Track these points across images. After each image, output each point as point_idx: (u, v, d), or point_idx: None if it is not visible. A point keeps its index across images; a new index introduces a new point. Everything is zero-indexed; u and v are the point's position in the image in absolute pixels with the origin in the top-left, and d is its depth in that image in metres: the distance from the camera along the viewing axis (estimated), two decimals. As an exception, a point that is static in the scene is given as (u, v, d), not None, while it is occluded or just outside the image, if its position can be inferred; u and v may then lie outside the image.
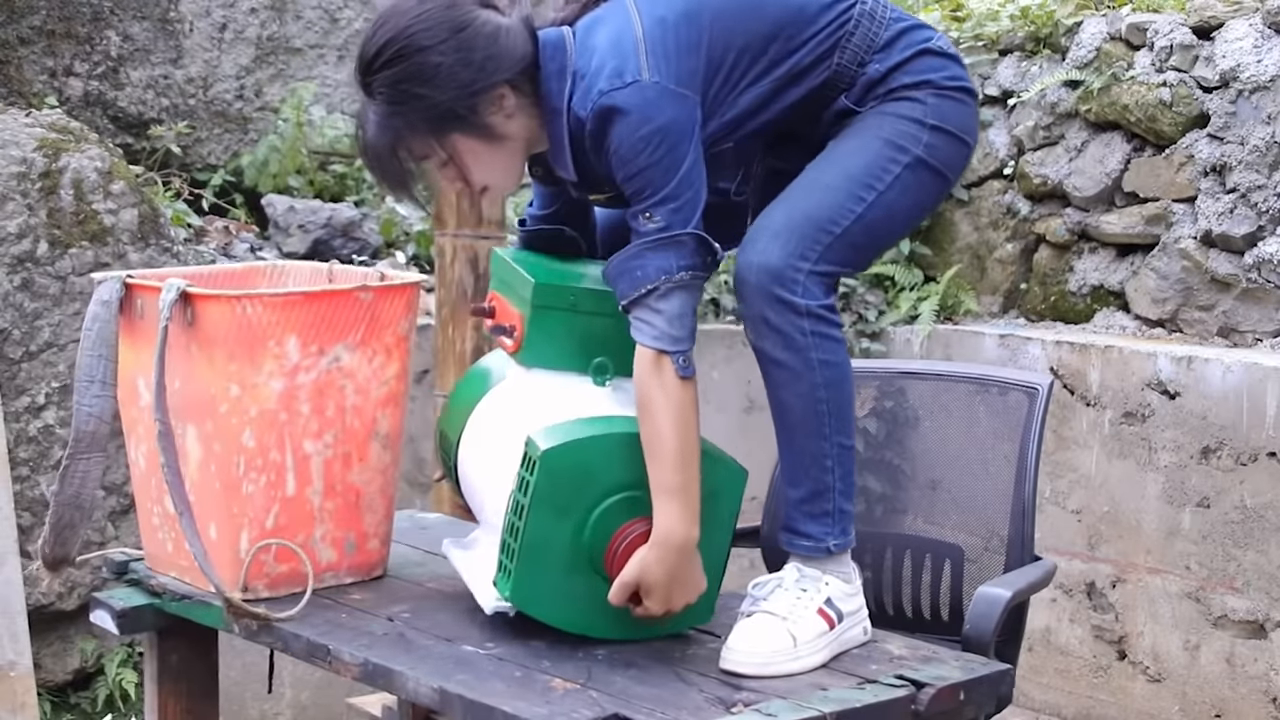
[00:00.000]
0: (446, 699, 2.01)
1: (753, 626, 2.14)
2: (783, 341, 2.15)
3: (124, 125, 4.74)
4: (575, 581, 2.17)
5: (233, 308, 2.30)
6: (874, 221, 2.22)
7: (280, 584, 2.38)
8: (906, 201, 2.26)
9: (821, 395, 2.18)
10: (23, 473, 3.68)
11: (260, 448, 2.33)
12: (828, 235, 2.17)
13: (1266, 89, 4.36)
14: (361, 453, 2.44)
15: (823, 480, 2.20)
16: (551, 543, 2.15)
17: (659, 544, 2.11)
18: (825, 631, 2.16)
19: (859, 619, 2.25)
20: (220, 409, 2.31)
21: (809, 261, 2.15)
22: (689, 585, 2.16)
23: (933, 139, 2.26)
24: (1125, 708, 4.47)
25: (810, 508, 2.21)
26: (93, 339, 2.39)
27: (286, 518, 2.37)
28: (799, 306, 2.14)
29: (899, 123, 2.25)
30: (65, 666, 3.80)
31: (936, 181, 2.29)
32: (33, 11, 4.55)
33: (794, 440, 2.21)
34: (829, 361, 2.18)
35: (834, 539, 2.21)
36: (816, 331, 2.16)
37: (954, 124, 2.28)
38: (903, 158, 2.24)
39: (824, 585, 2.19)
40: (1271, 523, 4.09)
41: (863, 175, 2.22)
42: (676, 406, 2.15)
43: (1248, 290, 4.45)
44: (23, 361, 3.70)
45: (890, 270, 5.23)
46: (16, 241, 3.69)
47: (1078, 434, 4.56)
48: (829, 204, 2.19)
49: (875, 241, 2.28)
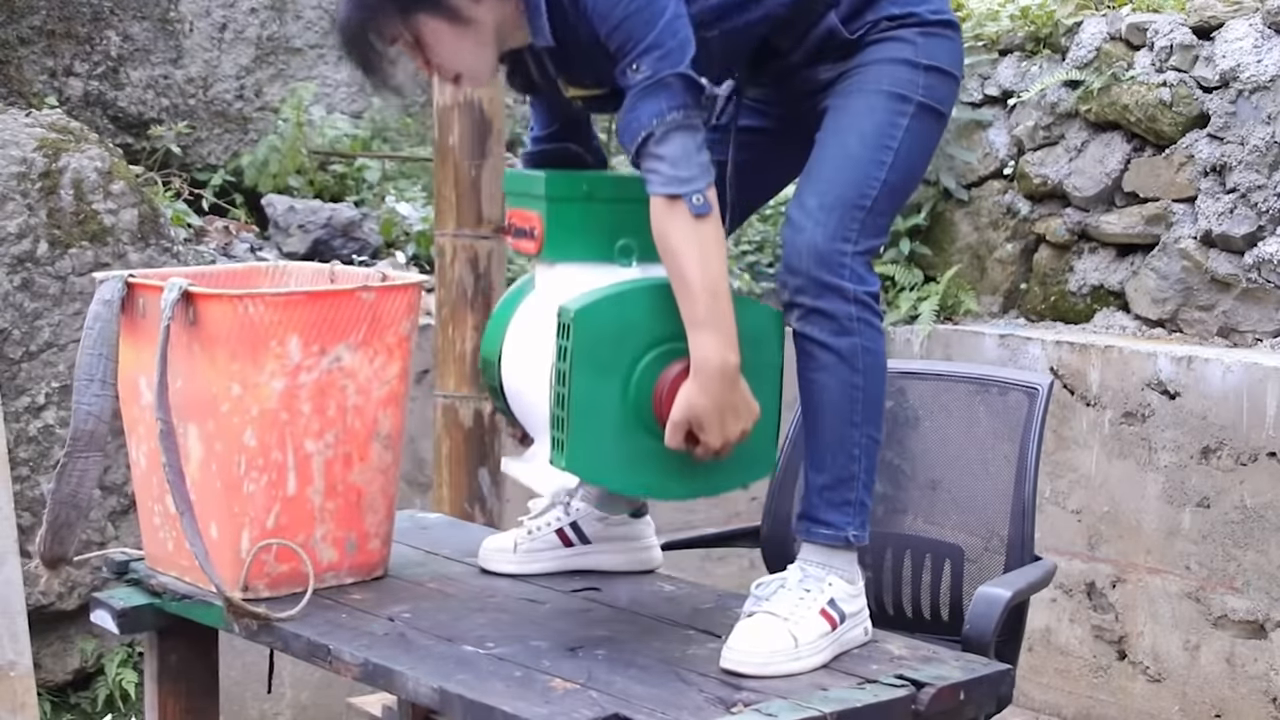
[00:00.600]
0: (446, 699, 2.01)
1: (754, 626, 2.13)
2: (832, 327, 2.15)
3: (124, 125, 4.74)
4: (631, 443, 2.14)
5: (235, 307, 2.30)
6: (896, 184, 2.23)
7: (281, 584, 2.38)
8: (918, 152, 2.26)
9: (859, 383, 2.18)
10: (23, 473, 3.68)
11: (261, 447, 2.34)
12: (862, 211, 2.17)
13: (1266, 89, 4.36)
14: (363, 453, 2.44)
15: (849, 468, 2.20)
16: (600, 404, 2.12)
17: (699, 372, 2.09)
18: (827, 632, 2.14)
19: (860, 619, 2.24)
20: (222, 408, 2.31)
21: (851, 243, 2.15)
22: (740, 410, 2.13)
23: (929, 80, 2.25)
24: (1125, 708, 4.47)
25: (833, 495, 2.20)
26: (94, 338, 2.39)
27: (287, 517, 2.37)
28: (847, 292, 2.14)
29: (894, 69, 2.24)
30: (65, 666, 3.80)
31: (939, 123, 2.29)
32: (33, 11, 4.55)
33: (824, 425, 2.20)
34: (870, 349, 2.18)
35: (854, 529, 2.20)
36: (863, 318, 2.16)
37: (945, 61, 2.28)
38: (908, 108, 2.23)
39: (827, 586, 2.18)
40: (1271, 523, 4.09)
41: (877, 137, 2.21)
42: (697, 241, 2.10)
43: (1248, 290, 4.45)
44: (23, 361, 3.70)
45: (890, 270, 5.23)
46: (16, 241, 3.69)
47: (1078, 434, 4.56)
48: (857, 177, 2.19)
49: (898, 203, 2.29)
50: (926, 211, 5.29)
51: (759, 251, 5.25)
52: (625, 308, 2.15)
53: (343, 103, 5.13)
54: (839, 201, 2.17)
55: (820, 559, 2.21)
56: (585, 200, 2.24)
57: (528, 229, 2.26)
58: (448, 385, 3.87)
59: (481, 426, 3.87)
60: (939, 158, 5.17)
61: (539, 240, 2.25)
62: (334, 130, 4.94)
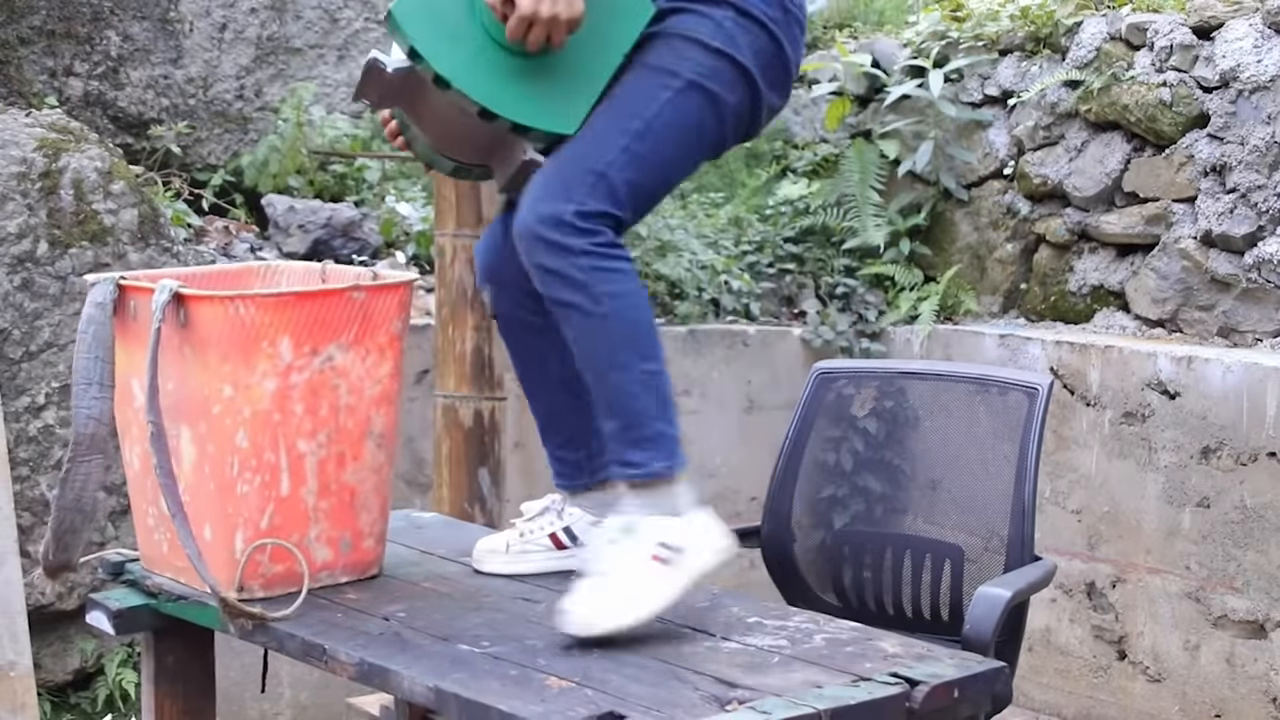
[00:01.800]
0: (442, 698, 2.01)
1: (585, 587, 2.17)
2: (564, 283, 2.18)
3: (124, 125, 4.74)
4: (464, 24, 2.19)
5: (225, 308, 2.30)
6: (643, 154, 2.23)
7: (276, 584, 2.38)
8: (677, 128, 2.26)
9: (613, 328, 2.19)
10: (23, 473, 3.68)
11: (254, 448, 2.33)
12: (592, 175, 2.20)
13: (1266, 89, 4.36)
14: (355, 452, 2.44)
15: (632, 409, 2.21)
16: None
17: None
18: (663, 575, 2.17)
19: (704, 544, 2.22)
20: (214, 410, 2.31)
21: (574, 203, 2.18)
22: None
23: (714, 63, 2.26)
24: (1125, 708, 4.46)
25: (628, 435, 2.21)
26: (89, 341, 2.39)
27: (281, 518, 2.37)
28: (572, 247, 2.17)
29: (676, 44, 2.27)
30: (65, 666, 3.81)
31: (713, 105, 2.28)
32: (33, 11, 4.56)
33: (595, 377, 2.23)
34: (614, 293, 2.19)
35: (659, 461, 2.21)
36: (595, 267, 2.17)
37: (742, 52, 2.28)
38: (674, 82, 2.25)
39: (650, 529, 2.19)
40: (1271, 523, 4.09)
41: (627, 108, 2.24)
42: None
43: (1248, 290, 4.44)
44: (23, 361, 3.70)
45: (890, 270, 5.23)
46: (16, 241, 3.69)
47: (1078, 434, 4.56)
48: (593, 144, 2.22)
49: (649, 174, 2.27)
50: (926, 211, 5.29)
51: (759, 251, 5.25)
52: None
53: (343, 103, 5.13)
54: (570, 164, 2.21)
55: (637, 501, 2.22)
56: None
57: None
58: (448, 385, 3.88)
59: (481, 426, 3.87)
60: (939, 158, 5.17)
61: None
62: (334, 130, 4.94)
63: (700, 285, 4.94)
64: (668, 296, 4.90)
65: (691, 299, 4.88)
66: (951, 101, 5.16)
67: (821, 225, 5.33)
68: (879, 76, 5.41)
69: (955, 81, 5.23)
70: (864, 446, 3.02)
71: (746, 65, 2.29)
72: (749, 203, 5.46)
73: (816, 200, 5.35)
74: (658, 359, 2.23)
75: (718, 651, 2.16)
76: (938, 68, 5.16)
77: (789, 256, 5.29)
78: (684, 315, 4.80)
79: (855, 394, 3.04)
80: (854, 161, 5.29)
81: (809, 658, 2.14)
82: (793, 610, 2.41)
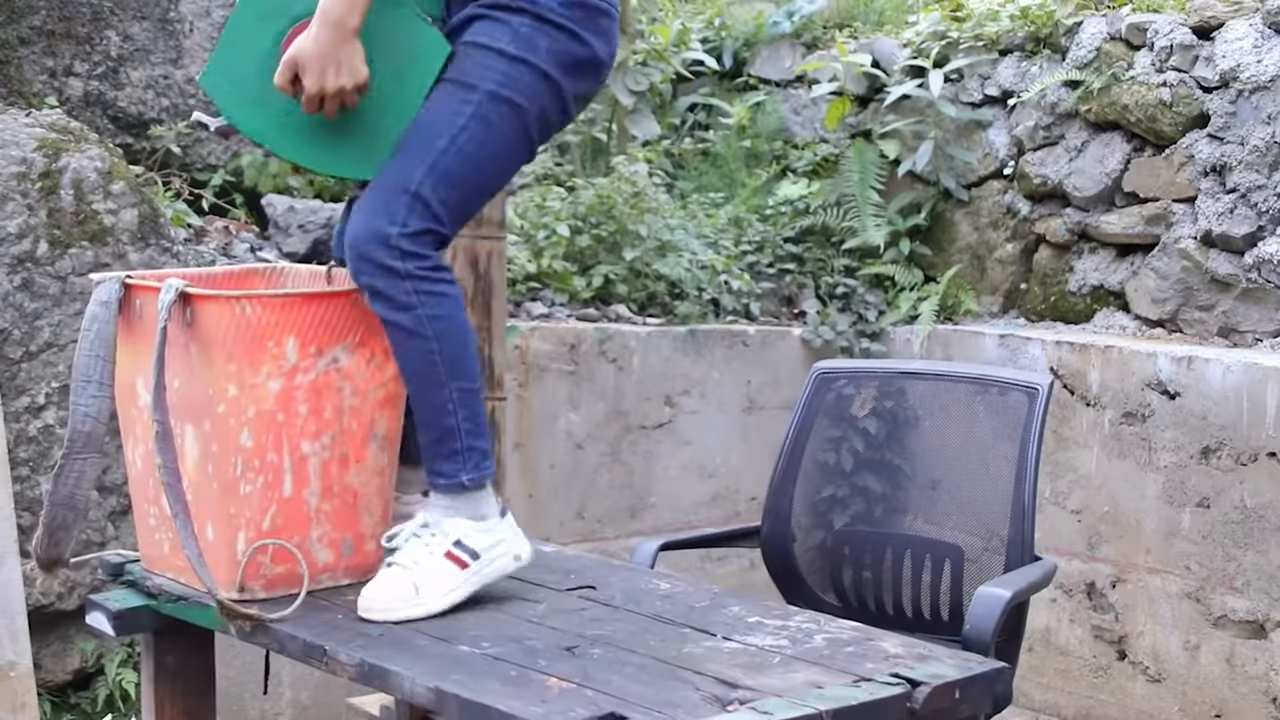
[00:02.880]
0: (442, 698, 2.01)
1: (382, 577, 2.30)
2: (391, 305, 2.29)
3: (124, 125, 4.74)
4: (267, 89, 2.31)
5: (232, 308, 2.30)
6: (454, 169, 2.33)
7: (277, 585, 2.37)
8: (486, 140, 2.35)
9: (434, 348, 2.31)
10: (22, 473, 3.68)
11: (258, 448, 2.33)
12: (406, 195, 2.30)
13: (1266, 89, 4.36)
14: (359, 454, 2.43)
15: (445, 424, 2.34)
16: (250, 40, 2.32)
17: (317, 18, 2.26)
18: (455, 573, 2.30)
19: (502, 550, 2.36)
20: (218, 409, 2.31)
21: (397, 224, 2.28)
22: (344, 67, 2.28)
23: (514, 71, 2.35)
24: (1125, 708, 4.46)
25: (441, 448, 2.35)
26: (91, 339, 2.39)
27: (283, 519, 2.37)
28: (399, 270, 2.28)
29: (475, 54, 2.35)
30: (65, 666, 3.80)
31: (516, 113, 2.36)
32: (33, 11, 4.55)
33: (415, 391, 2.36)
34: (437, 316, 2.31)
35: (466, 474, 2.34)
36: (420, 290, 2.29)
37: (541, 57, 2.36)
38: (472, 95, 2.34)
39: (452, 529, 2.31)
40: (1271, 523, 4.09)
41: (432, 126, 2.33)
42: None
43: (1248, 290, 4.44)
44: (23, 361, 3.70)
45: (890, 270, 5.23)
46: (16, 241, 3.69)
47: (1078, 434, 4.56)
48: (405, 166, 2.32)
49: (461, 188, 2.36)
50: (926, 211, 5.29)
51: (759, 251, 5.25)
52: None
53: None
54: (386, 186, 2.32)
55: (444, 504, 2.35)
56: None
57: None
58: (447, 385, 3.87)
59: (481, 426, 3.86)
60: (939, 158, 5.17)
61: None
62: (334, 130, 4.93)
63: (700, 285, 4.94)
64: (668, 296, 4.90)
65: (691, 299, 4.88)
66: (951, 101, 5.16)
67: (821, 225, 5.33)
68: (879, 76, 5.41)
69: (955, 81, 5.24)
70: (864, 446, 3.03)
71: (545, 69, 2.37)
72: (749, 203, 5.46)
73: (816, 200, 5.35)
74: (473, 378, 2.37)
75: (718, 651, 2.16)
76: (938, 68, 5.16)
77: (789, 256, 5.29)
78: (684, 315, 4.80)
79: (855, 394, 3.04)
80: (854, 161, 5.29)
81: (810, 658, 2.14)
82: (793, 610, 2.41)
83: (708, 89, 6.08)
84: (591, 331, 4.53)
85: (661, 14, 6.04)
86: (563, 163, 5.48)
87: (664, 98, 6.02)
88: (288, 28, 2.33)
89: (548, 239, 4.75)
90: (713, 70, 6.02)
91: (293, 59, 2.28)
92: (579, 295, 4.72)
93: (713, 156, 5.76)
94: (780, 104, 5.83)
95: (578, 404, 4.50)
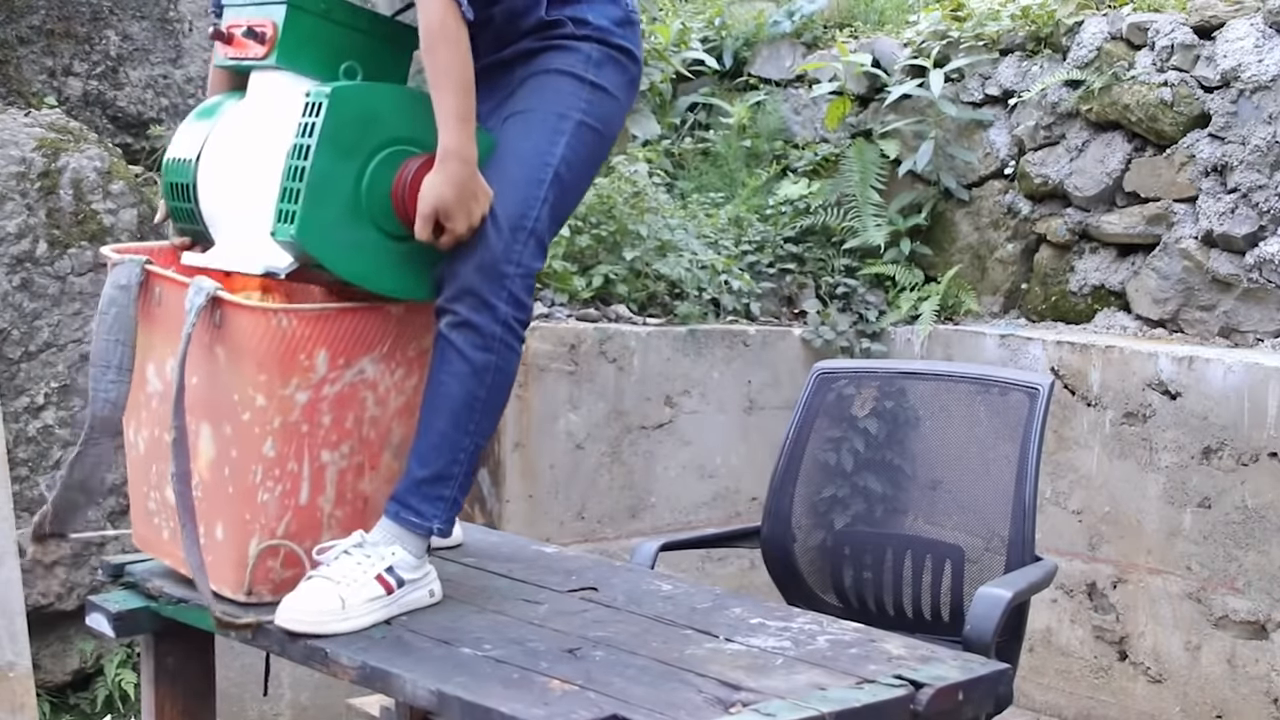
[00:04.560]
0: (444, 701, 2.01)
1: (309, 588, 2.26)
2: (476, 341, 2.30)
3: (123, 125, 4.73)
4: (355, 228, 2.28)
5: (268, 320, 2.24)
6: (556, 202, 2.35)
7: (284, 588, 2.34)
8: (577, 168, 2.37)
9: (481, 395, 2.32)
10: (22, 473, 3.67)
11: (279, 458, 2.30)
12: (525, 232, 2.30)
13: (1267, 89, 4.36)
14: (374, 462, 2.41)
15: (451, 469, 2.34)
16: (336, 182, 2.25)
17: (447, 161, 2.24)
18: (380, 595, 2.28)
19: (424, 584, 2.36)
20: (243, 417, 2.27)
21: (515, 264, 2.29)
22: (481, 196, 2.28)
23: (593, 97, 2.38)
24: (1126, 708, 4.46)
25: (430, 489, 2.33)
26: (109, 323, 2.32)
27: (297, 525, 2.34)
28: (500, 312, 2.30)
29: (555, 81, 2.37)
30: (64, 667, 3.80)
31: (600, 141, 2.40)
32: (32, 11, 4.55)
33: (439, 424, 2.33)
34: (503, 369, 2.33)
35: (439, 523, 2.35)
36: (505, 340, 2.32)
37: (612, 84, 2.41)
38: (564, 125, 2.36)
39: (390, 554, 2.30)
40: (1272, 523, 4.09)
41: (535, 157, 2.33)
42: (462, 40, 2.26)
43: (1249, 290, 4.44)
44: (22, 361, 3.70)
45: (891, 270, 5.22)
46: (16, 241, 3.68)
47: (1078, 434, 4.55)
48: (517, 199, 2.31)
49: (559, 221, 2.40)
50: (927, 211, 5.28)
51: (759, 251, 5.25)
52: (375, 98, 2.31)
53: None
54: (506, 222, 2.29)
55: (392, 533, 2.33)
56: (322, 16, 2.35)
57: (259, 31, 2.34)
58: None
59: (481, 427, 3.85)
60: (939, 157, 5.17)
61: (270, 43, 2.33)
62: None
63: (700, 285, 4.93)
64: (668, 296, 4.89)
65: (691, 299, 4.87)
66: (952, 101, 5.15)
67: (822, 225, 5.32)
68: (879, 76, 5.40)
69: (956, 81, 5.23)
70: (864, 447, 3.02)
71: (615, 92, 2.42)
72: (749, 202, 5.45)
73: (817, 200, 5.34)
74: (487, 437, 2.38)
75: (721, 653, 2.15)
76: (938, 67, 5.15)
77: (789, 256, 5.28)
78: (684, 315, 4.79)
79: (856, 394, 3.03)
80: (854, 161, 5.28)
81: (813, 659, 2.13)
82: (796, 611, 2.41)
83: (708, 89, 6.07)
84: (591, 331, 4.53)
85: (661, 14, 6.03)
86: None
87: (664, 97, 6.01)
88: (366, 165, 2.27)
89: (548, 239, 4.74)
90: (713, 70, 6.02)
91: (434, 209, 2.25)
92: (579, 295, 4.71)
93: (713, 156, 5.75)
94: (780, 104, 5.83)
95: (578, 404, 4.49)
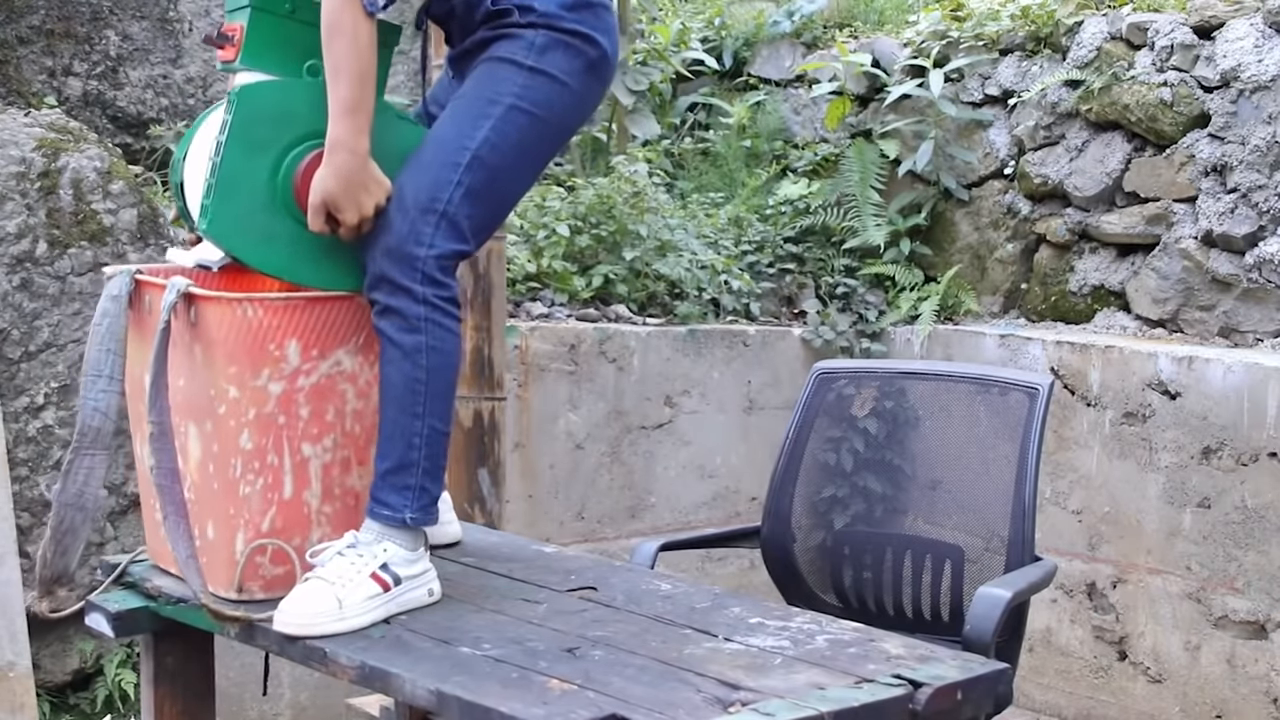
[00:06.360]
0: (443, 700, 2.01)
1: (304, 590, 2.25)
2: (399, 325, 2.28)
3: (123, 125, 4.74)
4: (273, 222, 2.31)
5: (234, 310, 2.28)
6: (476, 187, 2.32)
7: (276, 586, 2.35)
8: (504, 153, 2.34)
9: (421, 378, 2.30)
10: (22, 473, 3.67)
11: (257, 450, 2.32)
12: (434, 215, 2.29)
13: (1267, 89, 4.36)
14: (362, 457, 2.42)
15: (409, 456, 2.32)
16: (247, 178, 2.29)
17: (333, 153, 2.25)
18: (377, 594, 2.27)
19: (422, 582, 2.35)
20: (219, 410, 2.30)
21: (424, 246, 2.28)
22: (371, 187, 2.28)
23: (530, 81, 2.36)
24: (1126, 708, 4.46)
25: (394, 479, 2.32)
26: (102, 334, 2.36)
27: (283, 520, 2.35)
28: (417, 294, 2.28)
29: (492, 68, 2.37)
30: (64, 667, 3.80)
31: (536, 125, 2.37)
32: (32, 11, 4.55)
33: (388, 414, 2.33)
34: (437, 348, 2.30)
35: (411, 512, 2.32)
36: (431, 319, 2.29)
37: (559, 68, 2.37)
38: (491, 109, 2.34)
39: (381, 551, 2.29)
40: (1272, 523, 4.09)
41: (454, 142, 2.33)
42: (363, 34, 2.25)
43: (1248, 290, 4.44)
44: (22, 361, 3.70)
45: (890, 270, 5.22)
46: (16, 241, 3.68)
47: (1078, 434, 4.55)
48: (427, 181, 2.30)
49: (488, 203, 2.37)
50: (927, 211, 5.29)
51: (759, 251, 5.25)
52: (287, 95, 2.32)
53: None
54: (409, 205, 2.29)
55: (377, 530, 2.32)
56: (287, 16, 2.37)
57: (230, 36, 2.38)
58: (447, 385, 3.86)
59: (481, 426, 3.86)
60: (939, 157, 5.17)
61: (236, 47, 2.36)
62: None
63: (700, 285, 4.94)
64: (668, 296, 4.89)
65: (691, 299, 4.88)
66: (952, 101, 5.15)
67: (822, 225, 5.32)
68: (879, 76, 5.41)
69: (955, 81, 5.23)
70: (864, 447, 3.02)
71: (562, 77, 2.38)
72: (749, 202, 5.46)
73: (817, 200, 5.34)
74: (447, 421, 2.36)
75: (720, 653, 2.15)
76: (938, 67, 5.15)
77: (789, 256, 5.28)
78: (684, 315, 4.79)
79: (855, 394, 3.03)
80: (854, 161, 5.29)
81: (812, 659, 2.13)
82: (795, 611, 2.41)
83: (708, 89, 6.08)
84: (591, 331, 4.53)
85: (661, 14, 6.04)
86: (562, 162, 5.47)
87: (664, 97, 6.02)
88: (282, 159, 2.31)
89: (547, 239, 4.75)
90: (713, 70, 6.02)
91: (323, 201, 2.26)
92: (579, 295, 4.71)
93: (713, 156, 5.76)
94: (780, 104, 5.83)
95: (578, 404, 4.49)
